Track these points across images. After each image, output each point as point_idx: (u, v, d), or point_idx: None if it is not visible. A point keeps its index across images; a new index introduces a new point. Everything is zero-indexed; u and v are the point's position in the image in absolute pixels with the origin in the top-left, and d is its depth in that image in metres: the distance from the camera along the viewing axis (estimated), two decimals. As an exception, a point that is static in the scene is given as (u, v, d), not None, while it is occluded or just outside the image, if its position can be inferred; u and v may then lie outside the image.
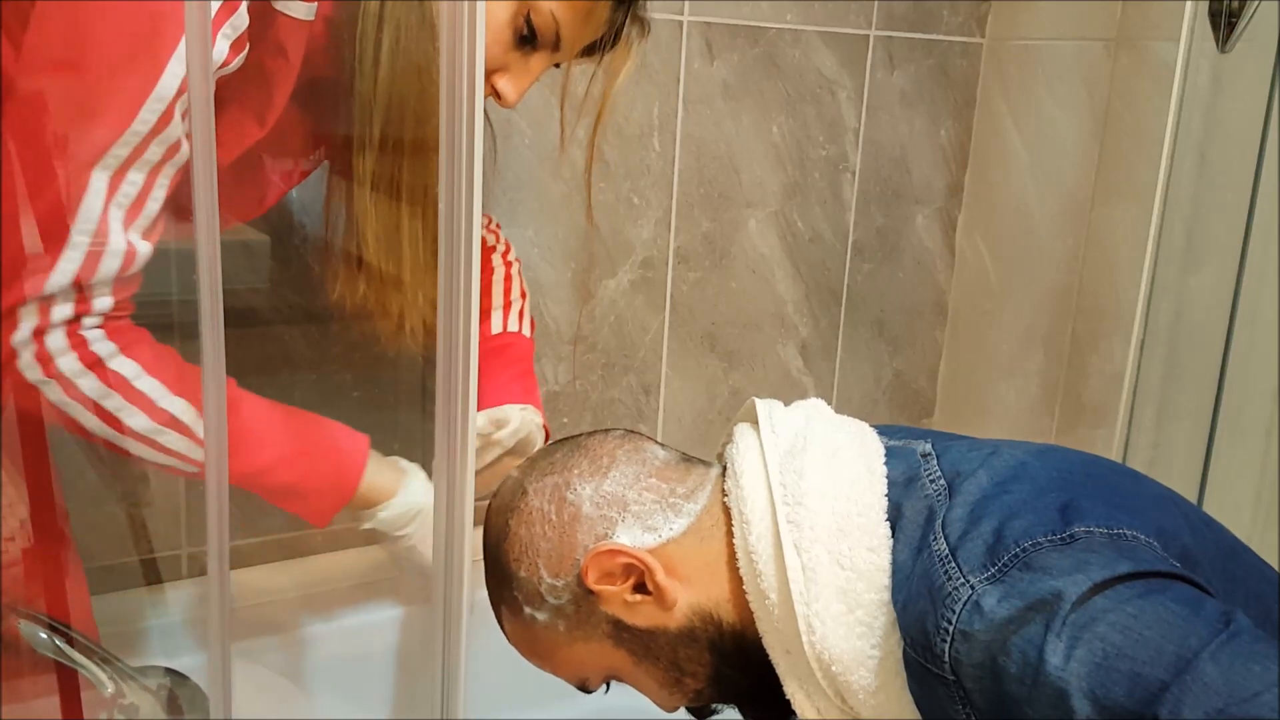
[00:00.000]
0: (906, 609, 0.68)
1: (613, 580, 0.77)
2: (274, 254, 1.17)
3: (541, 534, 0.79)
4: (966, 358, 1.68)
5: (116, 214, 0.71)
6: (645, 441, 0.84)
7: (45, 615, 0.78)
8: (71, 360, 0.72)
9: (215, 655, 0.53)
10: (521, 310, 1.09)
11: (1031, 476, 0.72)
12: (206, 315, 0.51)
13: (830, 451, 0.77)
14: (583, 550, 0.77)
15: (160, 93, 0.68)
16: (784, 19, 1.42)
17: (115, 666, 0.77)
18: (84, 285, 0.71)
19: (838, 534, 0.72)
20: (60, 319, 0.71)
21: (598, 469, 0.80)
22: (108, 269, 0.71)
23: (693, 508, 0.79)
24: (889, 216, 1.59)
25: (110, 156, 0.69)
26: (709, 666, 0.79)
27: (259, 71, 0.77)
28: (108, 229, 0.70)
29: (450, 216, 0.51)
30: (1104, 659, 0.59)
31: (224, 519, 0.53)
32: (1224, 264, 1.33)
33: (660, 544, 0.77)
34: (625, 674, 0.82)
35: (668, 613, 0.77)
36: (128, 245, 0.72)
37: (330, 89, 0.81)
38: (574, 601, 0.78)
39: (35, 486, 0.82)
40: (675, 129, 1.39)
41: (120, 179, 0.70)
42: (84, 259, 0.70)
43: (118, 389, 0.74)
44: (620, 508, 0.78)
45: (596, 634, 0.79)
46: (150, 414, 0.76)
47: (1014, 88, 1.56)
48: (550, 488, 0.80)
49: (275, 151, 0.88)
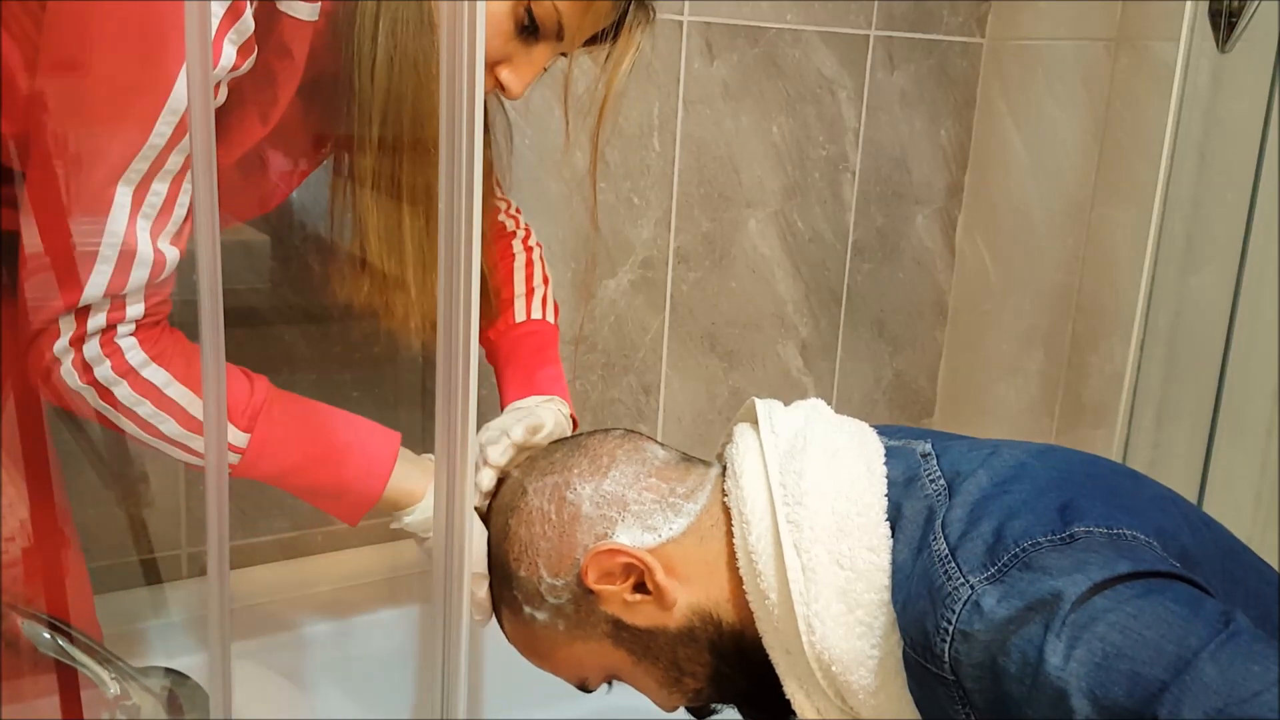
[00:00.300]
0: (906, 609, 0.68)
1: (612, 580, 0.77)
2: (274, 254, 1.17)
3: (541, 534, 0.79)
4: (966, 358, 1.68)
5: (144, 224, 0.73)
6: (645, 441, 0.84)
7: (47, 615, 0.78)
8: (106, 369, 0.75)
9: (215, 655, 0.53)
10: (545, 296, 1.07)
11: (1031, 476, 0.72)
12: (207, 315, 0.51)
13: (830, 452, 0.77)
14: (582, 550, 0.77)
15: (173, 105, 0.69)
16: (784, 19, 1.42)
17: (117, 667, 0.77)
18: (116, 295, 0.73)
19: (837, 534, 0.72)
20: (95, 328, 0.74)
21: (598, 468, 0.80)
22: (138, 279, 0.74)
23: (693, 507, 0.79)
24: (889, 216, 1.59)
25: (132, 171, 0.71)
26: (708, 666, 0.79)
27: (265, 72, 0.77)
28: (135, 240, 0.72)
29: (450, 216, 0.51)
30: (1103, 659, 0.59)
31: (224, 519, 0.53)
32: (1224, 264, 1.33)
33: (660, 544, 0.77)
34: (625, 673, 0.82)
35: (667, 612, 0.77)
36: (156, 253, 0.74)
37: (331, 86, 0.81)
38: (574, 601, 0.78)
39: (35, 486, 0.82)
40: (675, 129, 1.39)
41: (144, 191, 0.72)
42: (114, 271, 0.72)
43: (148, 397, 0.77)
44: (620, 507, 0.78)
45: (596, 634, 0.79)
46: (181, 420, 0.78)
47: (1014, 88, 1.56)
48: (550, 487, 0.80)
49: (278, 150, 0.88)
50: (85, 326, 0.73)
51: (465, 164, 0.50)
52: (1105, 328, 1.45)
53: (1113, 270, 1.43)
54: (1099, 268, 1.45)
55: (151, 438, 0.78)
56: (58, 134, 0.72)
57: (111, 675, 0.77)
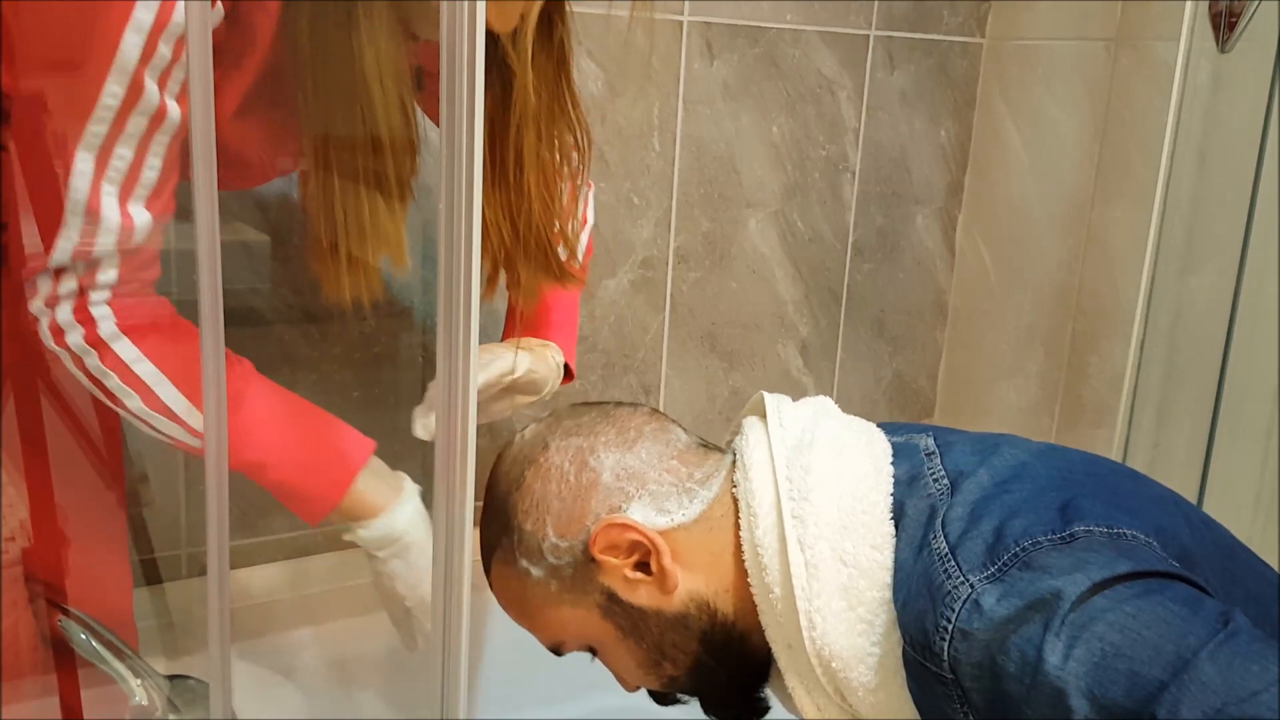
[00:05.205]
0: (906, 607, 0.68)
1: (617, 553, 0.77)
2: (274, 254, 1.17)
3: (556, 492, 0.78)
4: (966, 358, 1.68)
5: (109, 189, 0.72)
6: (669, 422, 0.84)
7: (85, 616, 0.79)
8: (78, 337, 0.75)
9: (215, 655, 0.53)
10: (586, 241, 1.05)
11: (1032, 476, 0.72)
12: (207, 315, 0.51)
13: (837, 449, 0.77)
14: (594, 518, 0.77)
15: (121, 64, 0.68)
16: (784, 19, 1.42)
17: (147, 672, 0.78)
18: (84, 261, 0.73)
19: (842, 531, 0.73)
20: (68, 292, 0.74)
21: (624, 441, 0.80)
22: (105, 244, 0.73)
23: (706, 494, 0.79)
24: (889, 216, 1.59)
25: (90, 135, 0.70)
26: (692, 655, 0.79)
27: (237, 20, 0.76)
28: (99, 204, 0.72)
29: (450, 216, 0.51)
30: (1102, 658, 0.59)
31: (224, 519, 0.53)
32: (1224, 264, 1.33)
33: (671, 527, 0.77)
34: (604, 646, 0.81)
35: (666, 596, 0.77)
36: (123, 218, 0.73)
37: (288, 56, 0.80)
38: (573, 565, 0.78)
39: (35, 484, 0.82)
40: (675, 129, 1.39)
41: (107, 155, 0.71)
42: (79, 235, 0.72)
43: (115, 370, 0.77)
44: (639, 484, 0.78)
45: (587, 601, 0.79)
46: (144, 398, 0.78)
47: (1014, 88, 1.56)
48: (574, 449, 0.80)
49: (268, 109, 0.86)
50: (57, 290, 0.74)
51: (465, 165, 0.50)
52: (1105, 328, 1.45)
53: (1113, 270, 1.43)
54: (1099, 268, 1.45)
55: (117, 409, 0.79)
56: (20, 99, 0.72)
57: (139, 683, 0.77)
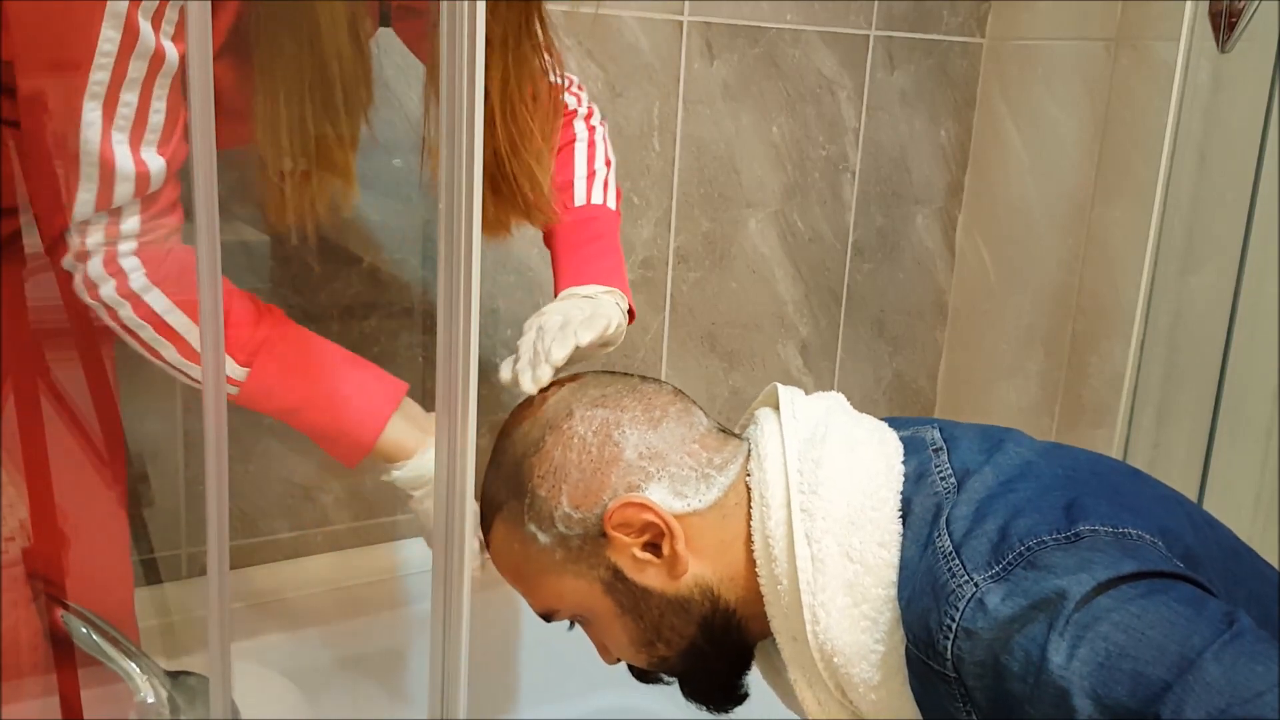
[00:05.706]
0: (911, 605, 0.68)
1: (629, 531, 0.77)
2: (274, 254, 1.17)
3: (576, 462, 0.78)
4: (966, 358, 1.68)
5: (120, 137, 0.73)
6: (692, 404, 0.84)
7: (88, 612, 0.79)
8: (110, 289, 0.76)
9: (215, 655, 0.53)
10: (606, 180, 1.03)
11: (1037, 475, 0.72)
12: (208, 315, 0.51)
13: (849, 444, 0.77)
14: (612, 493, 0.77)
15: (113, 8, 0.69)
16: (784, 19, 1.42)
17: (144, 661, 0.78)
18: (107, 211, 0.74)
19: (850, 526, 0.72)
20: (95, 245, 0.75)
21: (650, 419, 0.79)
22: (124, 192, 0.74)
23: (723, 481, 0.79)
24: (889, 216, 1.59)
25: (94, 85, 0.71)
26: (688, 640, 0.79)
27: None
28: (113, 154, 0.72)
29: (450, 216, 0.50)
30: (1106, 658, 0.59)
31: (224, 519, 0.52)
32: (1224, 264, 1.33)
33: (686, 512, 0.77)
34: (599, 620, 0.81)
35: (672, 580, 0.77)
36: (138, 165, 0.74)
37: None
38: (583, 537, 0.77)
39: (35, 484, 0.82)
40: (675, 129, 1.39)
41: (114, 103, 0.72)
42: (98, 188, 0.73)
43: (149, 321, 0.78)
44: (660, 464, 0.78)
45: (591, 575, 0.78)
46: (179, 348, 0.79)
47: (1014, 88, 1.56)
48: (599, 420, 0.79)
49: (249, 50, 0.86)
50: (85, 243, 0.75)
51: (465, 165, 0.50)
52: (1105, 328, 1.45)
53: (1113, 270, 1.43)
54: (1099, 267, 1.45)
55: (154, 359, 0.80)
56: (23, 55, 0.72)
57: (145, 678, 0.77)
